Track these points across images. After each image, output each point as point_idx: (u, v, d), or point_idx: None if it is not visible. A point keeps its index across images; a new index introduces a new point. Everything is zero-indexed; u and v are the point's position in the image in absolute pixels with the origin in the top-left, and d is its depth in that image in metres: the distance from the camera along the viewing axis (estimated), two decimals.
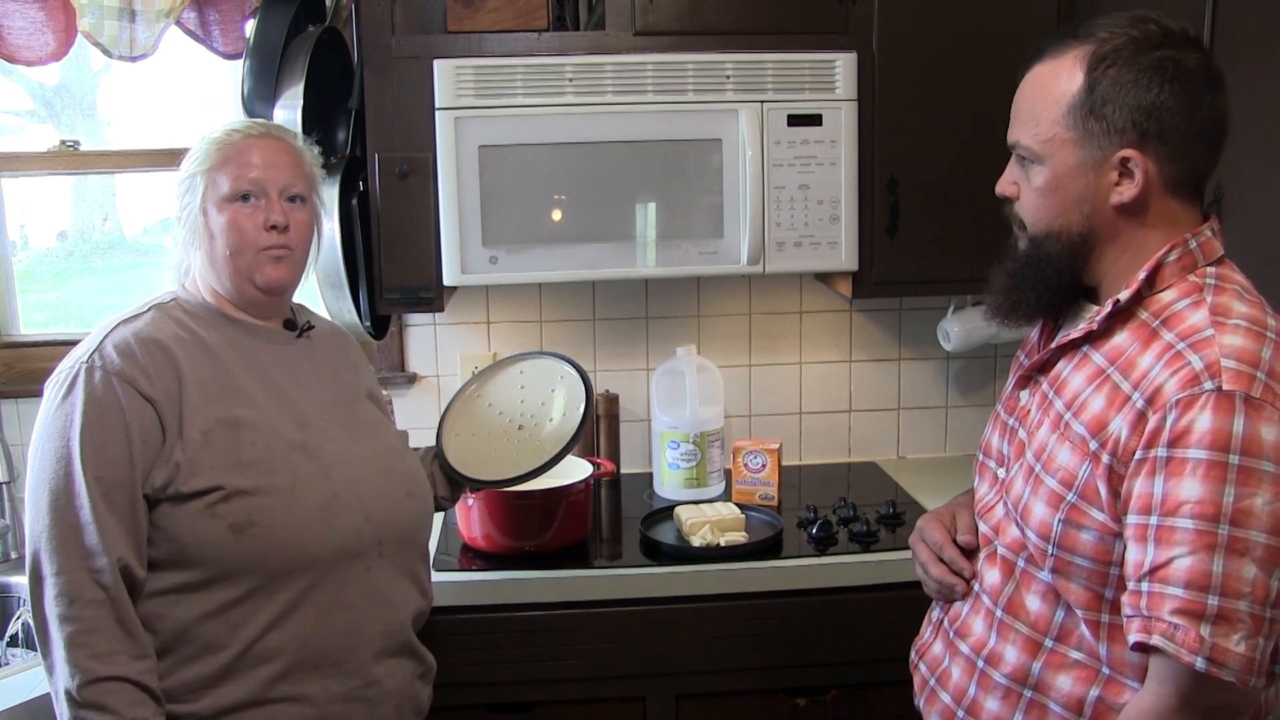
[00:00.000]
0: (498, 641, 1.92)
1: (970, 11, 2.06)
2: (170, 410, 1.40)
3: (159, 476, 1.39)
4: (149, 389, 1.39)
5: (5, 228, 2.42)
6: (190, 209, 1.49)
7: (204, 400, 1.43)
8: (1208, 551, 1.07)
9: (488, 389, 1.91)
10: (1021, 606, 1.27)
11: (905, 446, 2.57)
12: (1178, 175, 1.21)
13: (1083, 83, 1.20)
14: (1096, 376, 1.22)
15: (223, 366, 1.47)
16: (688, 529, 2.03)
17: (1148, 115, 1.18)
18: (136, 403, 1.38)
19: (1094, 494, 1.18)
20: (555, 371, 1.89)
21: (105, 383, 1.38)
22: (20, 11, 2.10)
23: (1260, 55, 1.66)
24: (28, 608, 1.94)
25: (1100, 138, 1.20)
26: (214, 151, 1.49)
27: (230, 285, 1.51)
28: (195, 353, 1.46)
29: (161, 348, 1.43)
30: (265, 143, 1.51)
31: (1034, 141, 1.24)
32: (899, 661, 1.54)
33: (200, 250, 1.50)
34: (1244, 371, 1.10)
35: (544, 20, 2.03)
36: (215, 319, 1.51)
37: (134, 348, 1.41)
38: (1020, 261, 1.30)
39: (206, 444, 1.41)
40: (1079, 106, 1.20)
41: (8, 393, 2.34)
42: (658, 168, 2.03)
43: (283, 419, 1.48)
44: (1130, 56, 1.18)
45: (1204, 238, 1.23)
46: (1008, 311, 1.33)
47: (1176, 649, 1.08)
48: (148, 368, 1.40)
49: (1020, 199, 1.29)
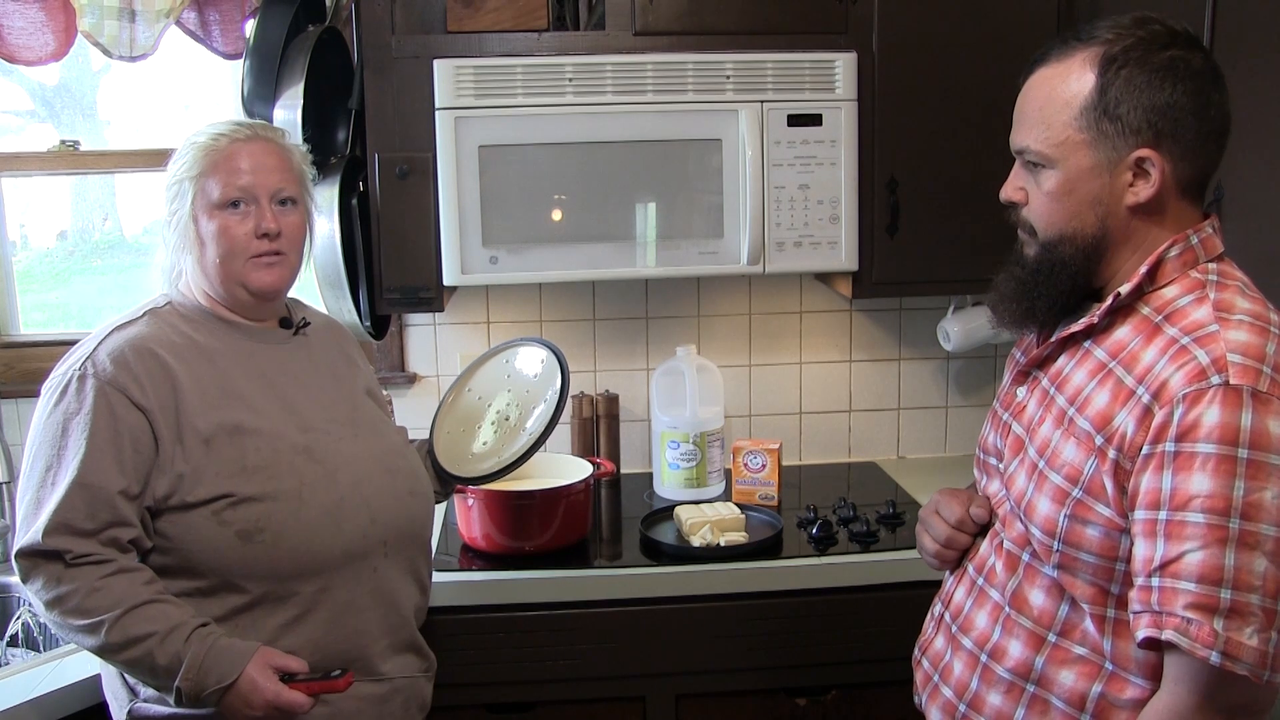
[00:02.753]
0: (498, 641, 1.92)
1: (970, 12, 2.07)
2: (165, 419, 1.39)
3: (160, 486, 1.38)
4: (140, 397, 1.39)
5: (5, 228, 2.41)
6: (180, 215, 1.48)
7: (204, 407, 1.42)
8: (1219, 545, 1.07)
9: (475, 381, 1.89)
10: (1025, 601, 1.27)
11: (905, 446, 2.57)
12: (1189, 175, 1.21)
13: (1095, 84, 1.19)
14: (1099, 371, 1.22)
15: (221, 372, 1.46)
16: (688, 529, 2.03)
17: (1162, 115, 1.18)
18: (128, 412, 1.38)
19: (1100, 489, 1.18)
20: (536, 357, 1.86)
21: (97, 391, 1.38)
22: (20, 11, 2.10)
23: (1260, 55, 1.66)
24: (28, 608, 1.95)
25: (1115, 139, 1.19)
26: (201, 157, 1.47)
27: (222, 290, 1.50)
28: (192, 359, 1.45)
29: (155, 356, 1.42)
30: (253, 146, 1.49)
31: (1044, 145, 1.23)
32: (899, 661, 1.54)
33: (191, 255, 1.49)
34: (1250, 366, 1.11)
35: (544, 20, 2.03)
36: (210, 322, 1.51)
37: (127, 355, 1.41)
38: (1031, 268, 1.29)
39: (209, 451, 1.40)
40: (1092, 108, 1.19)
41: (8, 393, 2.34)
42: (658, 168, 2.03)
43: (285, 423, 1.48)
44: (1141, 57, 1.18)
45: (1205, 234, 1.23)
46: (1020, 318, 1.32)
47: (1190, 644, 1.08)
48: (140, 376, 1.40)
49: (1029, 204, 1.28)
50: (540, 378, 1.82)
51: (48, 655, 1.70)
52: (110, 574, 1.35)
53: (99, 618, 1.33)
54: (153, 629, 1.34)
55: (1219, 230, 1.25)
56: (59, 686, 1.59)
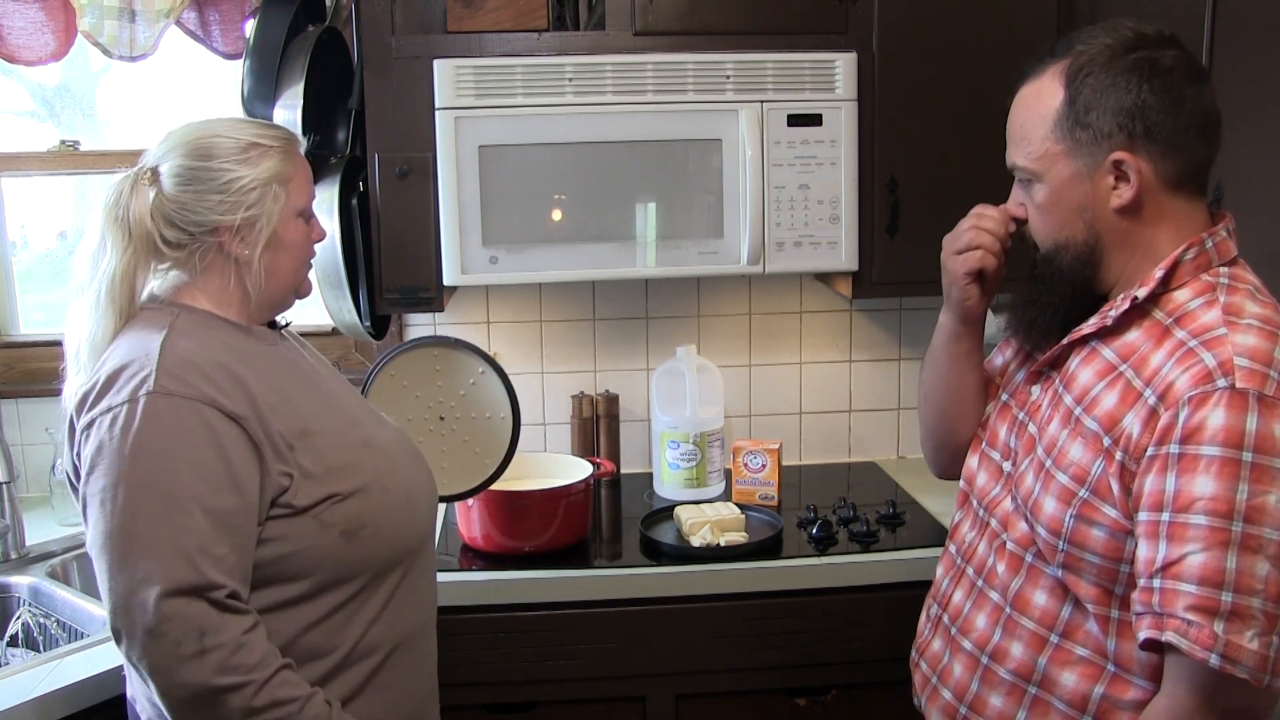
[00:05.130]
0: (498, 641, 1.92)
1: (970, 12, 2.07)
2: (257, 426, 1.32)
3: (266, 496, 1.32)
4: (232, 407, 1.30)
5: (5, 228, 2.42)
6: (264, 217, 1.39)
7: (274, 413, 1.35)
8: (1221, 548, 1.08)
9: (404, 370, 1.83)
10: (1028, 602, 1.28)
11: (905, 446, 2.57)
12: (1175, 171, 1.22)
13: (1064, 95, 1.22)
14: (1108, 373, 1.22)
15: (268, 378, 1.39)
16: (688, 529, 2.03)
17: (1131, 116, 1.19)
18: (225, 425, 1.29)
19: (1106, 490, 1.18)
20: (473, 366, 1.82)
21: (189, 409, 1.27)
22: (20, 11, 2.10)
23: (1260, 55, 1.66)
24: (28, 608, 1.95)
25: (1089, 145, 1.22)
26: (284, 162, 1.41)
27: (277, 297, 1.46)
28: (244, 367, 1.37)
29: (223, 366, 1.33)
30: (301, 155, 1.47)
31: (1029, 160, 1.27)
32: (899, 661, 1.54)
33: (258, 259, 1.40)
34: (1257, 370, 1.11)
35: (544, 20, 2.03)
36: (225, 328, 1.42)
37: (202, 366, 1.31)
38: (1035, 280, 1.32)
39: (295, 455, 1.35)
40: (1064, 119, 1.23)
41: (8, 393, 2.34)
42: (658, 168, 2.03)
43: (336, 419, 1.45)
44: (1106, 63, 1.21)
45: (1219, 238, 1.24)
46: (1026, 328, 1.35)
47: (1190, 646, 1.08)
48: (223, 385, 1.31)
49: (1029, 219, 1.32)
50: (477, 383, 1.80)
51: (48, 655, 1.70)
52: (250, 628, 1.25)
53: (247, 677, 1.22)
54: (296, 694, 1.27)
55: (1234, 233, 1.26)
56: (59, 686, 1.58)
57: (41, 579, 1.98)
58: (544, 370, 2.47)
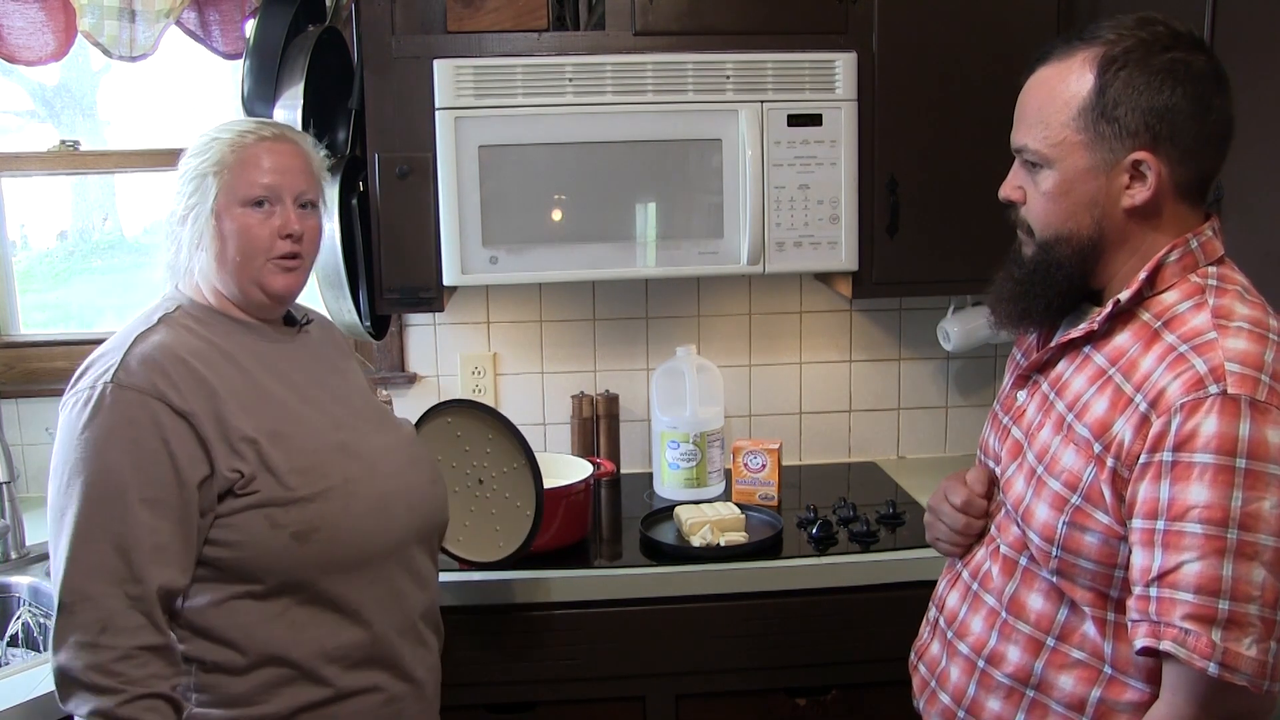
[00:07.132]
0: (498, 641, 1.92)
1: (970, 11, 2.06)
2: (209, 424, 1.35)
3: (211, 493, 1.35)
4: (181, 403, 1.34)
5: (5, 228, 2.42)
6: (199, 210, 1.44)
7: (244, 412, 1.39)
8: (1217, 556, 1.07)
9: (464, 426, 1.81)
10: (1024, 605, 1.27)
11: (905, 446, 2.57)
12: (1187, 178, 1.20)
13: (1094, 84, 1.18)
14: (1098, 378, 1.22)
15: (250, 375, 1.43)
16: (688, 529, 2.03)
17: (1160, 118, 1.17)
18: (172, 420, 1.33)
19: (1098, 497, 1.17)
20: (514, 457, 1.80)
21: (139, 402, 1.32)
22: (20, 11, 2.10)
23: (1260, 55, 1.66)
24: (28, 608, 1.95)
25: (1112, 140, 1.19)
26: (227, 152, 1.44)
27: (238, 290, 1.47)
28: (219, 363, 1.41)
29: (185, 363, 1.38)
30: (279, 146, 1.47)
31: (1042, 145, 1.23)
32: (899, 661, 1.54)
33: (208, 253, 1.45)
34: (1248, 375, 1.10)
35: (544, 20, 2.03)
36: (224, 323, 1.48)
37: (160, 362, 1.36)
38: (1028, 268, 1.28)
39: (257, 456, 1.37)
40: (1090, 109, 1.19)
41: (8, 393, 2.34)
42: (658, 168, 2.03)
43: (318, 421, 1.47)
44: (1141, 58, 1.17)
45: (1205, 237, 1.22)
46: (1017, 319, 1.32)
47: (1189, 655, 1.07)
48: (177, 382, 1.35)
49: (1027, 204, 1.28)
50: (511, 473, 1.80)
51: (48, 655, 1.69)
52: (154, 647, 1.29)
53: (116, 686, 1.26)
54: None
55: (1219, 232, 1.24)
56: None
57: (41, 579, 1.98)
58: (544, 370, 2.47)
